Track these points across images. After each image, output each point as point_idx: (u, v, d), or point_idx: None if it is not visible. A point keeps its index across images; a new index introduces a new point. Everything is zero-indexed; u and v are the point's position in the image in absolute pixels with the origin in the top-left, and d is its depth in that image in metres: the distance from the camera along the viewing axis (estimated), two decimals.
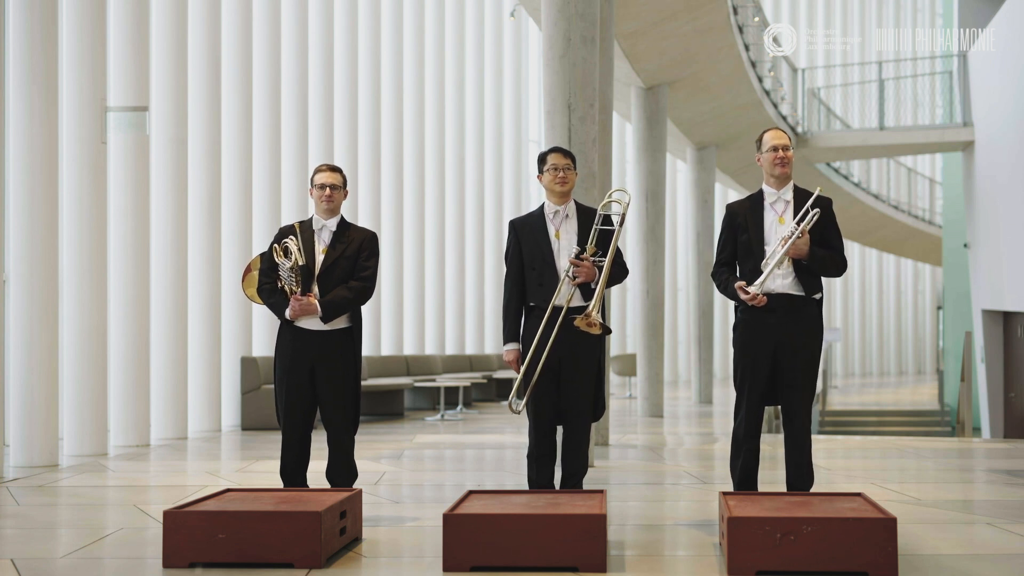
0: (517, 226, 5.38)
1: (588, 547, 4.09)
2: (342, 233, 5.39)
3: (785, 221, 5.14)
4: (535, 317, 5.23)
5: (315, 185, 5.40)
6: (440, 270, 17.66)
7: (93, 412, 8.38)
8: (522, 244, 5.32)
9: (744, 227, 5.22)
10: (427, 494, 6.58)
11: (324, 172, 5.41)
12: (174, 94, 9.91)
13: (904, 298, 34.34)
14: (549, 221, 5.30)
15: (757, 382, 5.18)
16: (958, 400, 18.32)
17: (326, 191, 5.36)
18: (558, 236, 5.26)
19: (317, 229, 5.38)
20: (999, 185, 16.03)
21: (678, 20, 12.22)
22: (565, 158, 5.30)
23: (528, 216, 5.40)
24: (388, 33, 16.76)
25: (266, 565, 4.19)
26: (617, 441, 9.76)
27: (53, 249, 7.88)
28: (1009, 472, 7.60)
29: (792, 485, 5.13)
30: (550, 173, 5.28)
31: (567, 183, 5.27)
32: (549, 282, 5.21)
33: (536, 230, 5.29)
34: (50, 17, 7.85)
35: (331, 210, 5.38)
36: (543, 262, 5.23)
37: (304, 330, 5.30)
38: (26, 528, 5.27)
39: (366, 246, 5.39)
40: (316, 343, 5.27)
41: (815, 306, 5.17)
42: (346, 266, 5.33)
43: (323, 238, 5.37)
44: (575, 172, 5.36)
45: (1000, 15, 16.02)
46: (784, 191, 5.21)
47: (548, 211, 5.32)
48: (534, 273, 5.26)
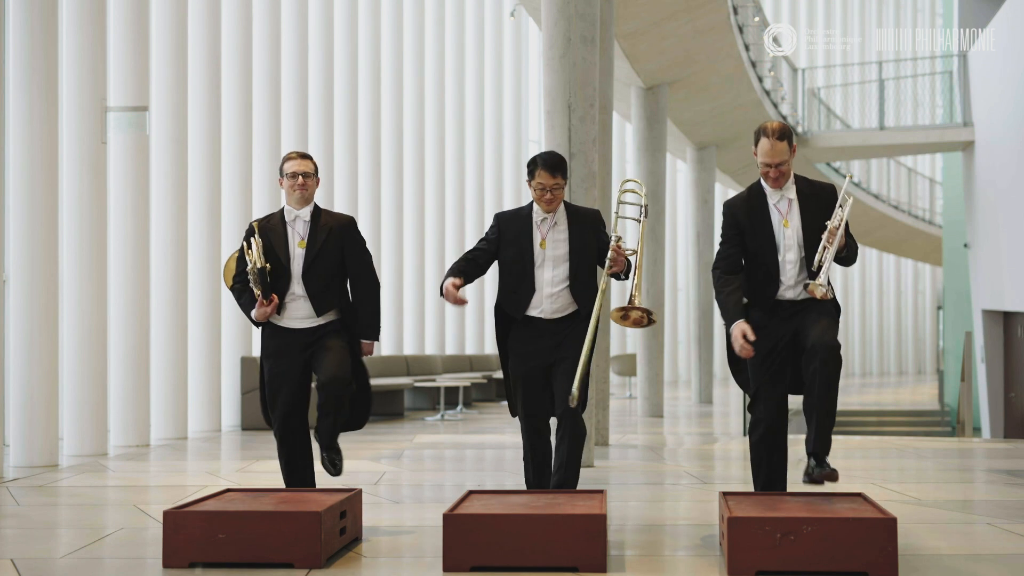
0: (502, 223, 5.04)
1: (588, 547, 4.09)
2: (317, 222, 5.03)
3: (790, 224, 4.72)
4: (517, 325, 4.97)
5: (286, 175, 5.03)
6: (440, 270, 17.65)
7: (93, 412, 8.38)
8: (503, 241, 5.00)
9: (752, 232, 4.77)
10: (427, 494, 6.58)
11: (295, 160, 5.04)
12: (174, 94, 9.91)
13: (904, 298, 34.32)
14: (536, 226, 4.97)
15: (775, 370, 4.71)
16: (958, 400, 18.33)
17: (299, 180, 5.00)
18: (543, 246, 4.94)
19: (290, 220, 5.04)
20: (999, 185, 16.03)
21: (678, 20, 12.21)
22: (553, 177, 4.88)
23: (516, 215, 5.06)
24: (388, 33, 16.76)
25: (266, 565, 4.19)
26: (617, 441, 9.76)
27: (53, 249, 7.87)
28: (1009, 472, 7.60)
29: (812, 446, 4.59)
30: (537, 191, 4.92)
31: (554, 203, 4.92)
32: (525, 292, 4.93)
33: (521, 234, 4.96)
34: (50, 17, 7.85)
35: (305, 199, 5.03)
36: (522, 270, 4.93)
37: (288, 329, 5.02)
38: (26, 528, 5.27)
39: (349, 238, 5.06)
40: (305, 340, 4.99)
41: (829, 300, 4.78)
42: (329, 259, 5.00)
43: (297, 230, 5.02)
44: (566, 185, 4.98)
45: (1000, 15, 16.02)
46: (786, 189, 4.78)
47: (536, 216, 4.99)
48: (510, 279, 4.97)
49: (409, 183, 17.08)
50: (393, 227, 16.41)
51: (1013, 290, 15.25)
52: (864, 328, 33.32)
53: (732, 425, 12.21)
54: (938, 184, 26.64)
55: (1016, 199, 14.94)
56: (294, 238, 5.02)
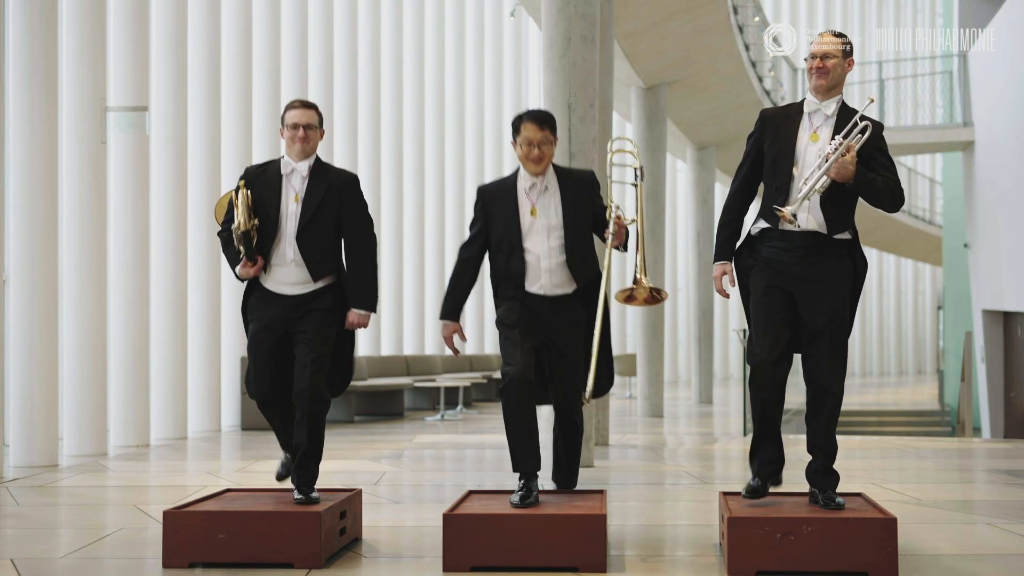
0: (486, 196, 4.64)
1: (588, 547, 4.08)
2: (317, 177, 4.55)
3: (820, 138, 4.24)
4: (512, 299, 4.59)
5: (287, 124, 4.55)
6: (440, 270, 17.65)
7: (93, 412, 8.38)
8: (489, 218, 4.61)
9: (774, 139, 4.32)
10: (427, 494, 6.58)
11: (297, 109, 4.56)
12: (174, 94, 9.91)
13: (904, 298, 34.32)
14: (524, 194, 4.59)
15: (777, 313, 4.27)
16: (958, 400, 18.34)
17: (300, 131, 4.52)
18: (534, 213, 4.54)
19: (286, 173, 4.55)
20: (999, 185, 16.03)
21: (678, 20, 12.21)
22: (541, 129, 4.52)
23: (499, 185, 4.67)
24: (388, 33, 16.76)
25: (266, 565, 4.19)
26: (617, 441, 9.76)
27: (53, 249, 7.87)
28: (1009, 472, 7.60)
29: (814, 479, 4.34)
30: (523, 148, 4.55)
31: (543, 161, 4.54)
32: (517, 268, 4.54)
33: (507, 206, 4.57)
34: (50, 17, 7.84)
35: (306, 152, 4.55)
36: (511, 245, 4.53)
37: (276, 295, 4.57)
38: (26, 528, 5.27)
39: (349, 195, 4.58)
40: (292, 306, 4.55)
41: (844, 247, 4.29)
42: (327, 219, 4.53)
43: (293, 184, 4.54)
44: (555, 142, 4.60)
45: (1000, 15, 16.02)
46: (827, 104, 4.28)
47: (523, 183, 4.61)
48: (501, 256, 4.59)
49: (409, 183, 17.07)
50: (393, 227, 16.41)
51: (1013, 290, 15.25)
52: (864, 328, 33.31)
53: (732, 425, 12.21)
54: (938, 184, 26.64)
55: (1016, 199, 14.94)
56: (288, 193, 4.54)
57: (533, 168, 4.56)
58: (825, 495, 4.29)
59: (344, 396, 11.74)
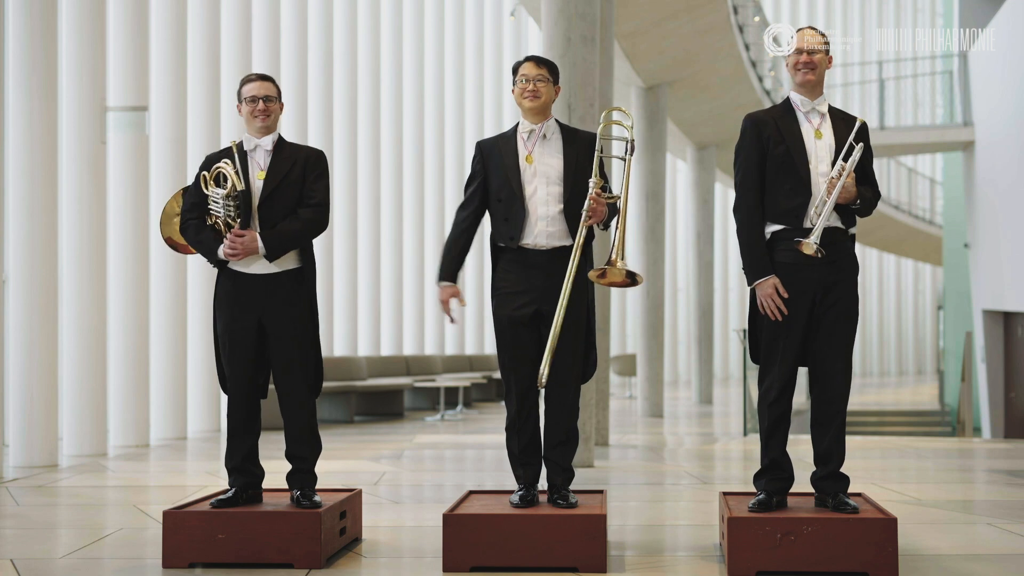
0: (484, 149, 4.51)
1: (588, 547, 4.08)
2: (281, 153, 4.48)
3: (823, 135, 4.27)
4: (508, 260, 4.45)
5: (244, 99, 4.49)
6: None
7: (93, 412, 8.37)
8: (488, 171, 4.48)
9: (778, 139, 4.29)
10: (427, 494, 6.58)
11: (255, 82, 4.51)
12: (174, 94, 9.91)
13: (904, 298, 34.31)
14: (522, 142, 4.46)
15: (793, 340, 4.29)
16: (958, 400, 18.32)
17: (259, 104, 4.47)
18: (530, 160, 4.42)
19: (250, 150, 4.49)
20: (999, 185, 16.02)
21: (678, 20, 12.21)
22: (539, 67, 4.46)
23: (500, 137, 4.55)
24: (388, 33, 16.76)
25: (266, 565, 4.19)
26: (617, 441, 9.76)
27: (53, 249, 7.87)
28: (1009, 472, 7.60)
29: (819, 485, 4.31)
30: (520, 85, 4.44)
31: (539, 97, 4.42)
32: (516, 217, 4.38)
33: (505, 154, 4.44)
34: (50, 17, 7.84)
35: (267, 127, 4.50)
36: (510, 193, 4.40)
37: (245, 274, 4.40)
38: (26, 528, 5.27)
39: (312, 167, 4.48)
40: (261, 290, 4.39)
41: (852, 242, 4.35)
42: (291, 193, 4.43)
43: (257, 160, 4.48)
44: (555, 86, 4.49)
45: (1000, 15, 16.02)
46: (818, 102, 4.34)
47: (522, 130, 4.49)
48: (500, 205, 4.43)
49: (409, 183, 17.07)
50: (393, 227, 16.41)
51: (1013, 290, 15.25)
52: (864, 328, 33.30)
53: (732, 425, 12.20)
54: (938, 184, 26.63)
55: (1016, 199, 14.94)
56: (253, 169, 4.46)
57: (528, 104, 4.45)
58: (836, 498, 4.23)
59: (344, 396, 11.74)
